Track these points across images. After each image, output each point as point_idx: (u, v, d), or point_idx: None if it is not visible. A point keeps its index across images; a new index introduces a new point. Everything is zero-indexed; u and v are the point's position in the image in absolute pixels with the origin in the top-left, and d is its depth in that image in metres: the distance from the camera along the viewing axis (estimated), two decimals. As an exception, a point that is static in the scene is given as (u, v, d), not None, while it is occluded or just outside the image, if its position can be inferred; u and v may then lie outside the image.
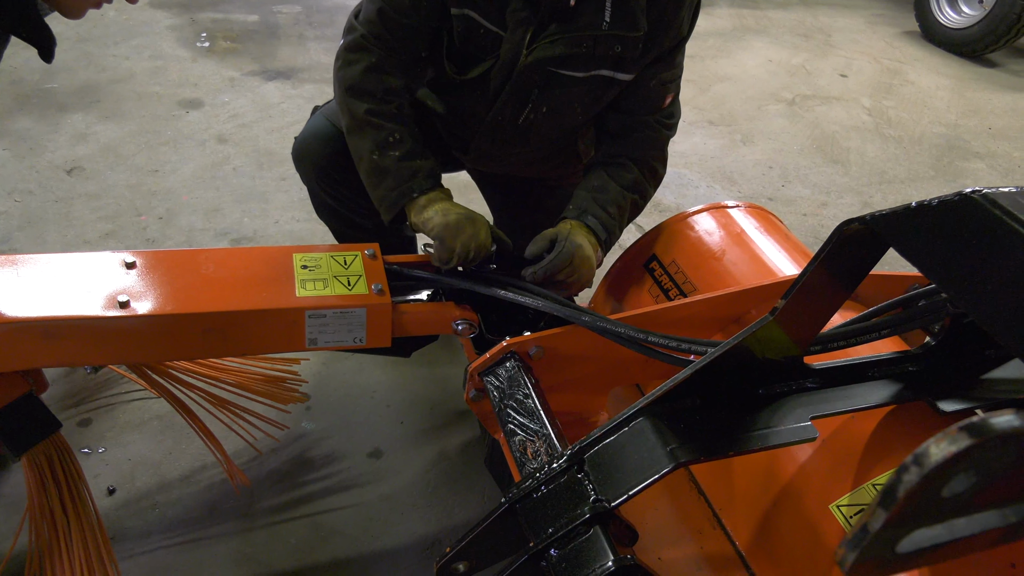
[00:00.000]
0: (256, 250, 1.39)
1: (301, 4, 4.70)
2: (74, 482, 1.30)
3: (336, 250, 1.37)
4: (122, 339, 1.18)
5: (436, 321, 1.38)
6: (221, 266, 1.28)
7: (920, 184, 3.50)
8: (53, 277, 1.18)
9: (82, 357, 1.20)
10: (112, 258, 1.23)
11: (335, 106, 1.72)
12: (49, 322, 1.11)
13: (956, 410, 1.00)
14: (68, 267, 1.20)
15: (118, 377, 1.90)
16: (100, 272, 1.20)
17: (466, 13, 1.46)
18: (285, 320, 1.24)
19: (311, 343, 1.28)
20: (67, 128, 3.05)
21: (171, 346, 1.22)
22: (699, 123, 3.76)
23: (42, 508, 1.27)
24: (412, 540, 1.63)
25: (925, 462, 0.45)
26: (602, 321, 1.21)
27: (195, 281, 1.24)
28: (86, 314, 1.13)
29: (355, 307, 1.26)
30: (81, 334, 1.15)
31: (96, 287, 1.17)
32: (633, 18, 1.42)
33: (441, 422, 1.93)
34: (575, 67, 1.49)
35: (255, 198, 2.76)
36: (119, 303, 1.15)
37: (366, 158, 1.48)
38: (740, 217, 1.58)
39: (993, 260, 0.69)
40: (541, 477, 0.92)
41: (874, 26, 5.73)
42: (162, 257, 1.27)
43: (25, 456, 1.24)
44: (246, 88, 3.56)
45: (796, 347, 0.96)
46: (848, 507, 1.01)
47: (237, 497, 1.67)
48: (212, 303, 1.20)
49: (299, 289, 1.26)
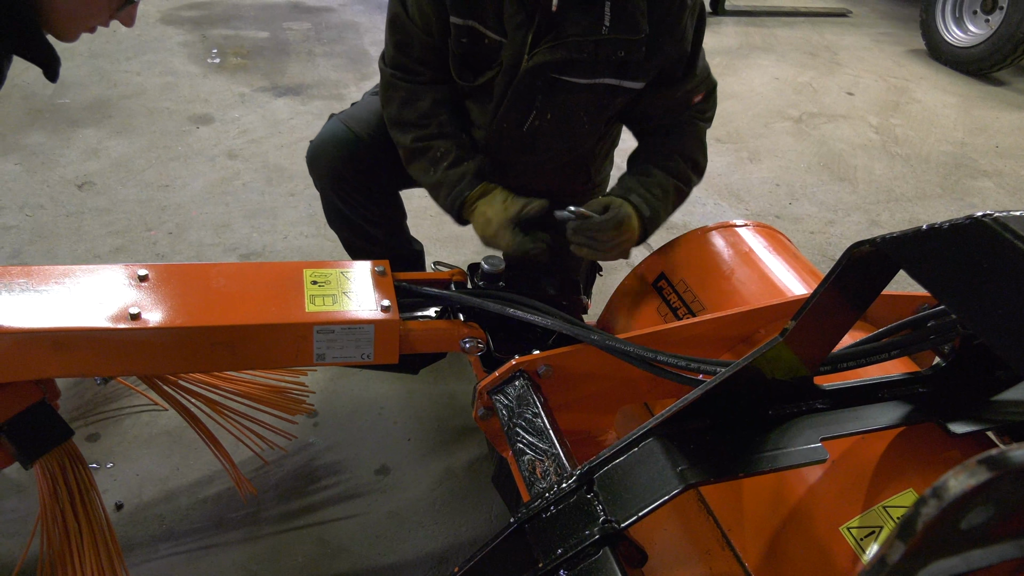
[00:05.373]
0: (267, 265, 1.40)
1: (310, 21, 4.75)
2: (85, 489, 1.30)
3: (346, 266, 1.38)
4: (132, 351, 1.18)
5: (444, 339, 1.38)
6: (232, 280, 1.28)
7: (928, 202, 3.50)
8: (66, 288, 1.19)
9: (92, 368, 1.20)
10: (125, 271, 1.24)
11: (353, 111, 1.76)
12: (60, 333, 1.12)
13: (966, 432, 0.99)
14: (81, 278, 1.21)
15: (125, 390, 1.90)
16: (113, 284, 1.21)
17: (469, 24, 1.48)
18: (294, 335, 1.24)
19: (319, 358, 1.28)
20: (78, 143, 3.08)
21: (180, 359, 1.22)
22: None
23: (54, 515, 1.27)
24: (419, 558, 1.63)
25: (944, 495, 0.45)
26: (611, 340, 1.21)
27: (206, 295, 1.24)
28: (96, 326, 1.14)
29: (363, 323, 1.26)
30: (91, 345, 1.15)
31: (108, 299, 1.18)
32: (633, 21, 1.42)
33: (448, 439, 1.93)
34: (578, 73, 1.50)
35: (264, 214, 2.77)
36: (130, 315, 1.15)
37: (425, 180, 1.61)
38: (749, 236, 1.58)
39: (1004, 283, 0.69)
40: (550, 497, 0.92)
41: (880, 44, 5.76)
42: (174, 271, 1.28)
43: (37, 463, 1.24)
44: (256, 104, 3.59)
45: (806, 368, 0.96)
46: (858, 529, 1.01)
47: (244, 512, 1.67)
48: (221, 317, 1.20)
49: (308, 304, 1.27)
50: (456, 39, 1.51)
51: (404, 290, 1.40)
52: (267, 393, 1.65)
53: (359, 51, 4.39)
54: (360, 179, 1.73)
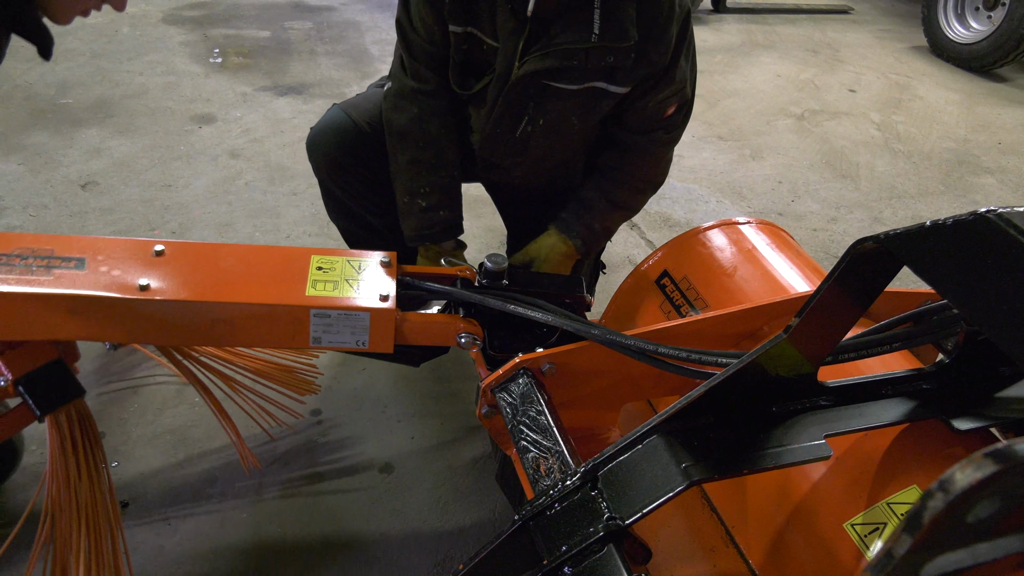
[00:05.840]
0: (277, 249, 1.44)
1: (312, 20, 4.75)
2: (91, 446, 1.38)
3: (353, 255, 1.41)
4: (139, 320, 1.25)
5: (439, 332, 1.39)
6: (241, 261, 1.33)
7: (930, 199, 3.50)
8: (87, 257, 1.27)
9: (102, 334, 1.28)
10: (145, 244, 1.31)
11: (355, 100, 1.76)
12: (74, 298, 1.20)
13: (971, 428, 0.99)
14: (103, 249, 1.29)
15: (140, 361, 1.91)
16: (131, 256, 1.29)
17: (468, 31, 1.48)
18: (291, 317, 1.29)
19: (315, 341, 1.32)
20: (81, 143, 3.08)
21: (183, 331, 1.29)
22: (708, 138, 3.77)
23: (60, 468, 1.34)
24: (423, 556, 1.63)
25: (951, 488, 0.45)
26: (611, 334, 1.22)
27: (213, 273, 1.30)
28: (107, 294, 1.21)
29: (359, 310, 1.30)
30: (102, 312, 1.22)
31: (124, 270, 1.26)
32: (622, 29, 1.42)
33: (452, 437, 1.93)
34: (568, 80, 1.50)
35: (267, 213, 2.78)
36: (139, 287, 1.22)
37: (399, 199, 1.68)
38: (751, 233, 1.58)
39: (1008, 279, 0.69)
40: (555, 494, 0.92)
41: (882, 41, 5.75)
42: (188, 248, 1.34)
43: (50, 416, 1.33)
44: (258, 103, 3.59)
45: (809, 365, 0.96)
46: (862, 526, 1.01)
47: (248, 511, 1.68)
48: (223, 294, 1.26)
49: (309, 288, 1.31)
50: (457, 47, 1.52)
51: (407, 283, 1.41)
52: (277, 371, 1.72)
53: (361, 50, 4.39)
54: (360, 168, 1.73)
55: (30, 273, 1.22)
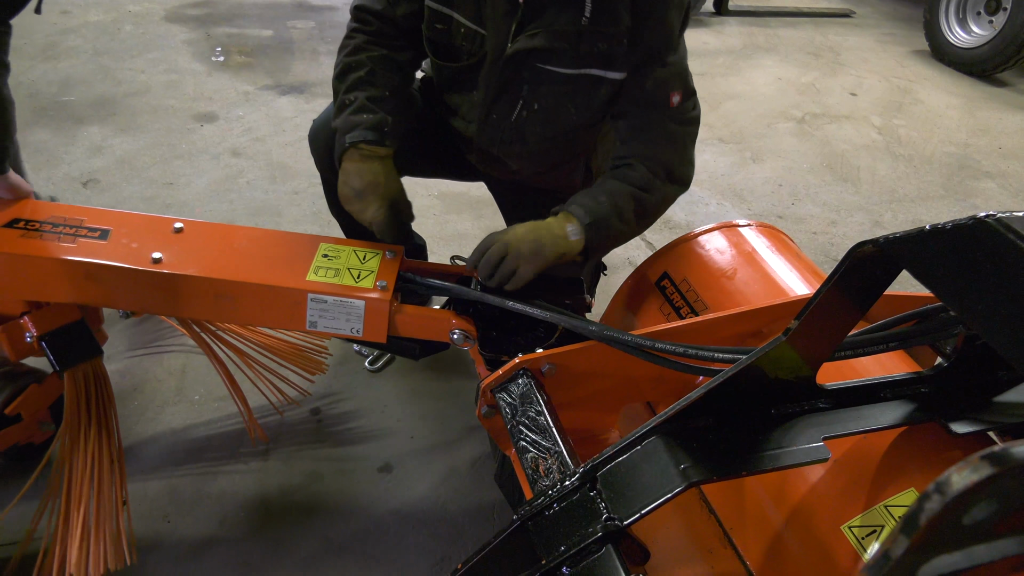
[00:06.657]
0: (290, 235, 1.48)
1: (314, 20, 4.75)
2: (103, 403, 1.48)
3: (360, 246, 1.46)
4: (149, 290, 1.33)
5: (432, 327, 1.41)
6: (252, 243, 1.41)
7: (930, 203, 3.50)
8: (113, 229, 1.37)
9: (115, 300, 1.37)
10: (167, 222, 1.41)
11: None
12: (91, 266, 1.30)
13: (968, 432, 1.00)
14: (128, 222, 1.39)
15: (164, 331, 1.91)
16: (152, 231, 1.39)
17: (446, 12, 1.50)
18: (289, 299, 1.34)
19: (311, 325, 1.37)
20: (83, 141, 3.09)
21: (188, 303, 1.36)
22: (709, 140, 3.77)
23: (73, 422, 1.43)
24: (421, 556, 1.63)
25: (947, 490, 0.45)
26: (608, 330, 1.22)
27: (224, 251, 1.38)
28: (120, 264, 1.30)
29: (355, 299, 1.34)
30: (115, 280, 1.32)
31: (142, 242, 1.35)
32: (615, 14, 1.42)
33: (451, 437, 1.94)
34: (561, 63, 1.50)
35: (268, 211, 2.78)
36: (152, 259, 1.31)
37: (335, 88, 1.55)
38: (751, 236, 1.58)
39: (1007, 284, 0.69)
40: (553, 495, 0.92)
41: (884, 45, 5.75)
42: (204, 228, 1.43)
43: (68, 372, 1.42)
44: (260, 102, 3.60)
45: (808, 367, 0.96)
46: (860, 528, 1.01)
47: (247, 509, 1.68)
48: (228, 272, 1.33)
49: (311, 274, 1.36)
50: (430, 23, 1.52)
51: (408, 278, 1.43)
52: (288, 349, 1.83)
53: (363, 50, 4.39)
54: None
55: (57, 240, 1.33)
